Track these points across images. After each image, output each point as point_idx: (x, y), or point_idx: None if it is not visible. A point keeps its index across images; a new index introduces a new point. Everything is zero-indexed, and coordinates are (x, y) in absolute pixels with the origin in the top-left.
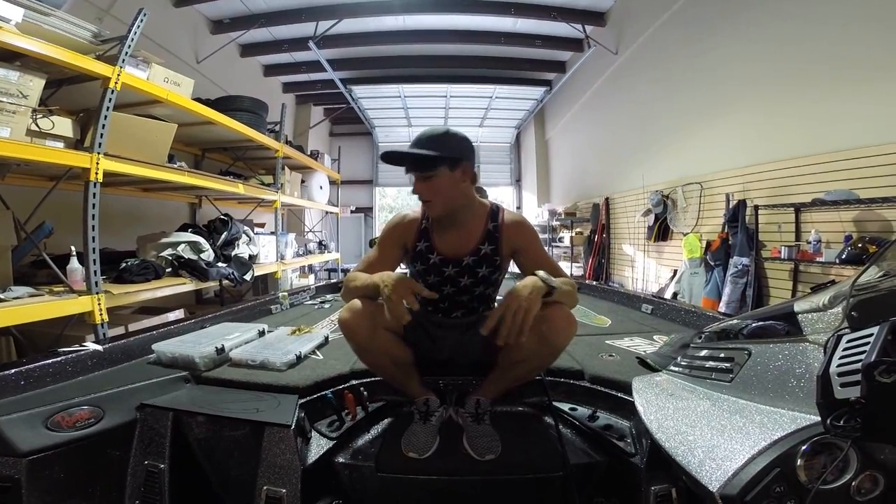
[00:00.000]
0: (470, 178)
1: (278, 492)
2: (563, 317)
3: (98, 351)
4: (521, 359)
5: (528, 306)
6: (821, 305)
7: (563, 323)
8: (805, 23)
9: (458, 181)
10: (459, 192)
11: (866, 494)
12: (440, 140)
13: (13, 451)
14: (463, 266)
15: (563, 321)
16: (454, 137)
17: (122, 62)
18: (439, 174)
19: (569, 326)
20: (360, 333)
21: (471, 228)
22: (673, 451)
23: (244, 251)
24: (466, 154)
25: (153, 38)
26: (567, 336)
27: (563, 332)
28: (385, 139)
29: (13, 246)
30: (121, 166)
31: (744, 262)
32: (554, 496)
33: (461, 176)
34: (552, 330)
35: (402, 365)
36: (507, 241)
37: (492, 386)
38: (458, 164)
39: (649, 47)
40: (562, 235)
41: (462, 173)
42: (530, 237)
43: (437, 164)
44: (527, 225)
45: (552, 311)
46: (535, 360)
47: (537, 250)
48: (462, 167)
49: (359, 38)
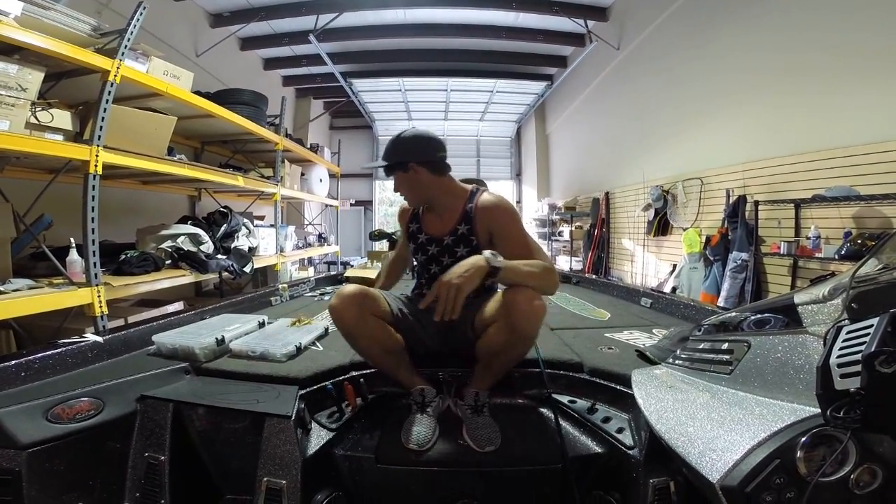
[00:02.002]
0: (428, 169)
1: (278, 483)
2: (524, 301)
3: (98, 342)
4: (496, 349)
5: (460, 284)
6: (820, 297)
7: (525, 307)
8: (806, 20)
9: (415, 178)
10: (422, 185)
11: (865, 487)
12: (392, 148)
13: (13, 443)
14: (444, 246)
15: (524, 305)
16: (402, 142)
17: (122, 55)
18: (398, 177)
19: (531, 310)
20: (347, 319)
21: (451, 211)
22: (673, 443)
23: (244, 243)
24: (413, 154)
25: (152, 32)
26: (530, 320)
27: (526, 317)
28: (385, 132)
29: (12, 238)
30: (120, 159)
31: (743, 258)
32: (553, 488)
33: (415, 173)
34: (513, 315)
35: (393, 353)
36: (482, 222)
37: (481, 377)
38: (406, 165)
39: (651, 43)
40: (561, 230)
41: (415, 171)
42: (503, 218)
43: (392, 170)
44: (501, 206)
45: (512, 296)
46: (510, 349)
47: (510, 231)
48: (412, 167)
49: (359, 32)
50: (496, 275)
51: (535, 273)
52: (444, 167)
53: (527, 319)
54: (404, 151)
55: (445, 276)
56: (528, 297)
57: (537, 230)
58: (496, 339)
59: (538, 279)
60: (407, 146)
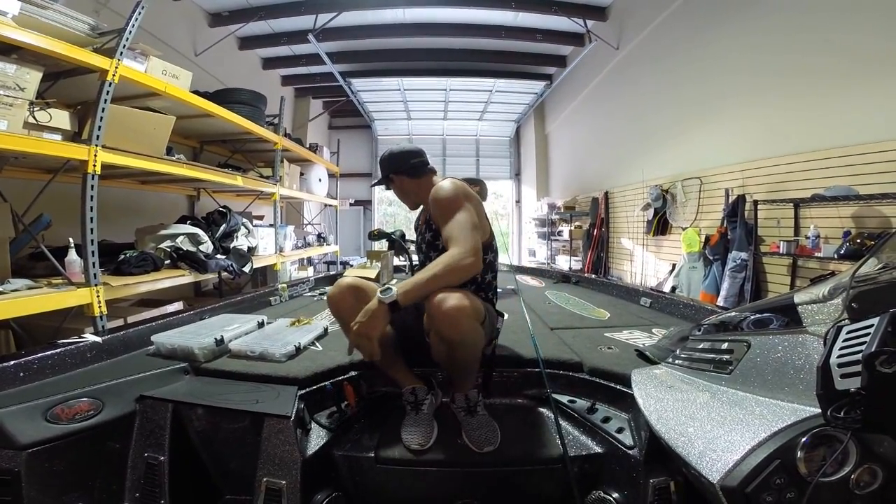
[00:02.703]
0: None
1: (278, 483)
2: (436, 308)
3: (97, 343)
4: (444, 357)
5: (363, 331)
6: (820, 297)
7: (439, 312)
8: (806, 20)
9: (400, 185)
10: (408, 190)
11: (865, 488)
12: (380, 167)
13: (13, 443)
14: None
15: (438, 311)
16: (383, 161)
17: (120, 55)
18: (391, 187)
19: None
20: (343, 308)
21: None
22: (673, 443)
23: (243, 243)
24: (391, 167)
25: (151, 31)
26: (450, 323)
27: (445, 322)
28: (384, 132)
29: (11, 238)
30: (119, 158)
31: (742, 257)
32: (553, 488)
33: (399, 182)
34: (435, 323)
35: (385, 346)
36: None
37: (456, 382)
38: (389, 178)
39: (650, 42)
40: (561, 229)
41: (399, 181)
42: (433, 207)
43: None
44: (434, 195)
45: (428, 308)
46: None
47: (438, 219)
48: (393, 178)
49: (358, 31)
50: (396, 308)
51: (437, 275)
52: (420, 170)
53: (447, 324)
54: (386, 167)
55: (353, 324)
56: (438, 302)
57: (536, 230)
58: (437, 348)
59: (441, 280)
60: (387, 163)
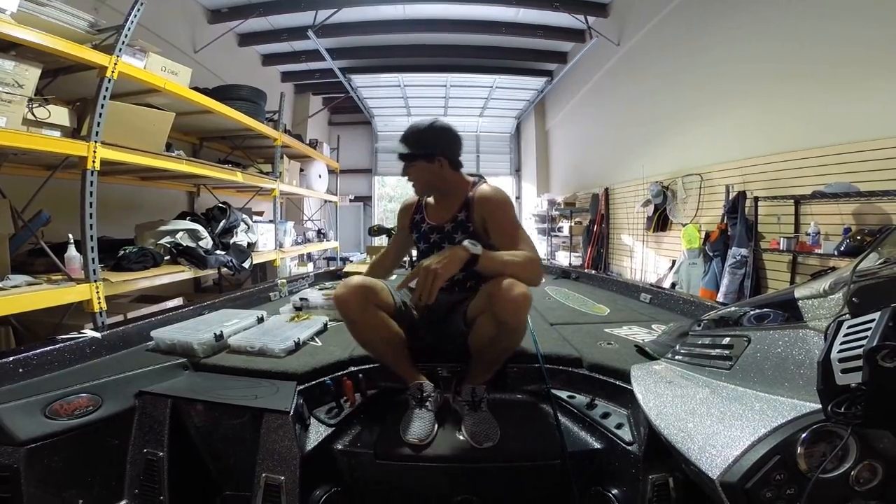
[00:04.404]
0: (450, 164)
1: (277, 479)
2: (505, 290)
3: (96, 338)
4: (485, 341)
5: (438, 269)
6: (821, 291)
7: (506, 296)
8: (807, 16)
9: (436, 170)
10: (438, 178)
11: (865, 484)
12: (421, 135)
13: (12, 439)
14: (444, 233)
15: (505, 294)
16: (434, 132)
17: (119, 51)
18: (417, 165)
19: (512, 299)
20: (350, 306)
21: (453, 199)
22: (672, 439)
23: (243, 239)
24: (444, 147)
25: (150, 28)
26: (514, 310)
27: (508, 306)
28: (384, 128)
29: (10, 234)
30: (118, 155)
31: (742, 253)
32: (552, 484)
33: (439, 166)
34: (496, 304)
35: (393, 344)
36: (477, 209)
37: (475, 372)
38: (433, 157)
39: (651, 38)
40: (561, 225)
41: (439, 164)
42: (495, 206)
43: (415, 158)
44: (497, 196)
45: (494, 286)
46: (499, 341)
47: (500, 220)
48: (439, 160)
49: (358, 27)
50: (475, 262)
51: (517, 262)
52: (460, 164)
53: (509, 309)
54: (434, 143)
55: (425, 261)
56: (508, 285)
57: (536, 226)
58: (483, 331)
59: (519, 268)
60: (438, 138)
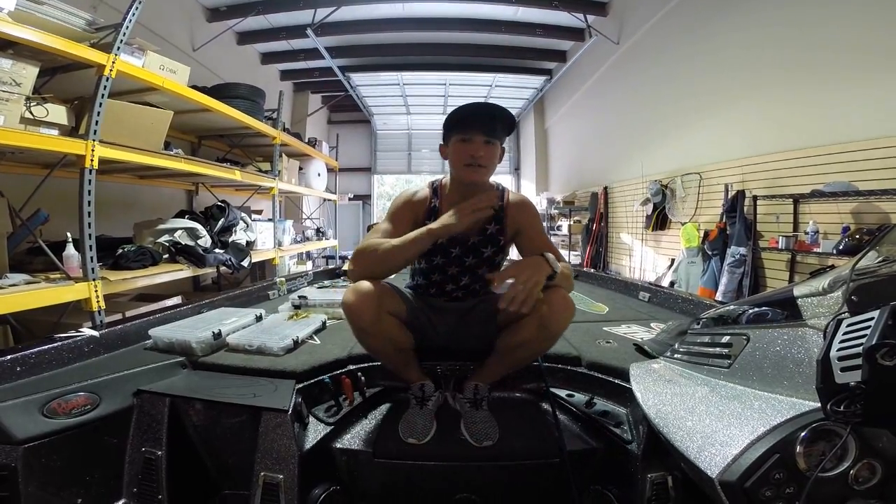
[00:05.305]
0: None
1: (275, 478)
2: (563, 300)
3: (94, 337)
4: (520, 343)
5: (538, 280)
6: (820, 290)
7: (563, 306)
8: (806, 15)
9: (501, 156)
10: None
11: (864, 483)
12: (507, 116)
13: (9, 438)
14: (468, 246)
15: (563, 305)
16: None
17: (118, 50)
18: (496, 145)
19: (567, 310)
20: (364, 317)
21: None
22: (671, 437)
23: (241, 238)
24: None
25: (148, 26)
26: (566, 320)
27: (563, 316)
28: (383, 127)
29: (9, 233)
30: (116, 153)
31: (741, 252)
32: (551, 482)
33: (502, 152)
34: (552, 313)
35: (403, 350)
36: (512, 221)
37: (490, 371)
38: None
39: (651, 38)
40: (560, 224)
41: (503, 150)
42: (532, 217)
43: (504, 135)
44: (530, 205)
45: (553, 295)
46: (534, 345)
47: (538, 231)
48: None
49: (357, 26)
50: (553, 278)
51: (570, 276)
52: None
53: (564, 318)
54: (510, 128)
55: (524, 269)
56: (563, 296)
57: None
58: (524, 333)
59: (570, 282)
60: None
